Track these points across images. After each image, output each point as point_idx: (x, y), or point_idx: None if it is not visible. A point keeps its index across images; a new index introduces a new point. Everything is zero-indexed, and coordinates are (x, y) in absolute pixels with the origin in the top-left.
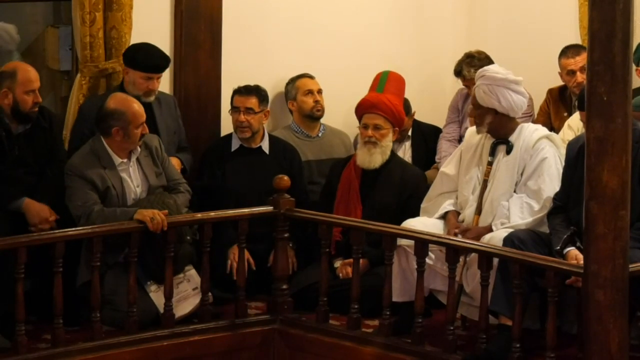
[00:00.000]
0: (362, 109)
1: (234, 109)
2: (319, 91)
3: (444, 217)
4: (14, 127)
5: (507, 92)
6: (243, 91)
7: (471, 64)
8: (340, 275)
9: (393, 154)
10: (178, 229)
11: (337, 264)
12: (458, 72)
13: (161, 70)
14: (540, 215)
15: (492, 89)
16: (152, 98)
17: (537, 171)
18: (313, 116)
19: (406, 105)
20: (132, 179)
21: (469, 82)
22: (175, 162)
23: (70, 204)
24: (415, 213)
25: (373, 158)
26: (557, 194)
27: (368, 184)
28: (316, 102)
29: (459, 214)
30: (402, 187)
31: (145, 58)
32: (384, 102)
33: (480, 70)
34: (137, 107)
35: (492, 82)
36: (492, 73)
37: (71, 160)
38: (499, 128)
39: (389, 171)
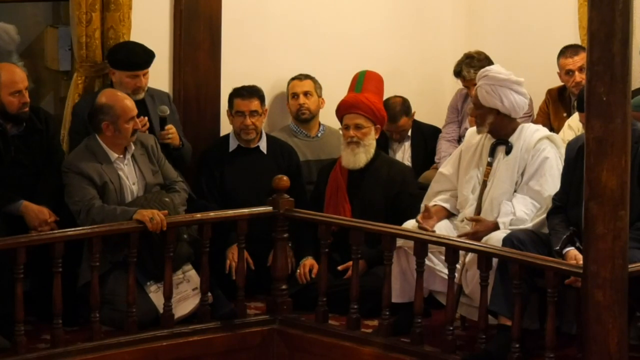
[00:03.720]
0: (342, 110)
1: (238, 113)
2: (306, 93)
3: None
4: (8, 128)
5: (510, 93)
6: (245, 94)
7: (471, 64)
8: (298, 278)
9: (378, 152)
10: (176, 229)
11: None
12: (458, 73)
13: (144, 66)
14: (543, 217)
15: (495, 89)
16: (141, 95)
17: (539, 172)
18: (299, 119)
19: (406, 105)
20: (128, 176)
21: (468, 83)
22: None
23: (69, 201)
24: (405, 208)
25: (357, 158)
26: (556, 194)
27: (355, 183)
28: (300, 105)
29: (447, 211)
30: (389, 184)
31: (127, 56)
32: (362, 101)
33: (482, 70)
34: (127, 102)
35: (495, 82)
36: (495, 73)
37: (68, 158)
38: (500, 128)
39: (375, 169)
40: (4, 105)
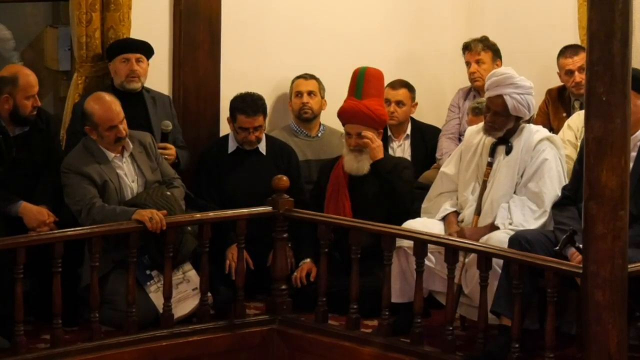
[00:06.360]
0: (343, 119)
1: (242, 129)
2: (310, 92)
3: (444, 219)
4: (11, 129)
5: (532, 99)
6: (250, 112)
7: (482, 41)
8: (293, 282)
9: None
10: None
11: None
12: (466, 46)
13: (137, 50)
14: (542, 220)
15: (524, 97)
16: (138, 84)
17: (538, 173)
18: (301, 118)
19: (408, 84)
20: (127, 175)
21: (471, 57)
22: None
23: (69, 201)
24: (399, 194)
25: (361, 164)
26: (567, 185)
27: (357, 182)
28: (304, 104)
29: (459, 214)
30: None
31: (118, 42)
32: (362, 111)
33: (505, 77)
34: (106, 110)
35: (524, 91)
36: (521, 81)
37: (66, 159)
38: (511, 131)
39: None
40: (18, 108)
